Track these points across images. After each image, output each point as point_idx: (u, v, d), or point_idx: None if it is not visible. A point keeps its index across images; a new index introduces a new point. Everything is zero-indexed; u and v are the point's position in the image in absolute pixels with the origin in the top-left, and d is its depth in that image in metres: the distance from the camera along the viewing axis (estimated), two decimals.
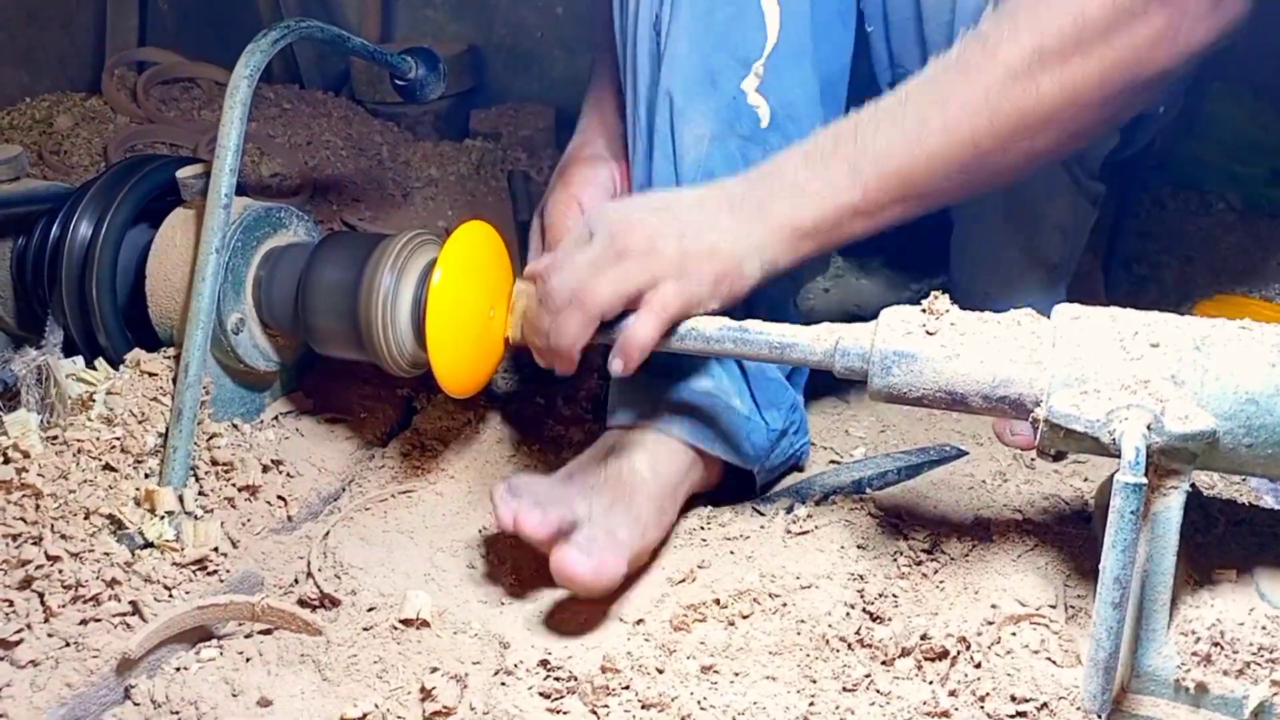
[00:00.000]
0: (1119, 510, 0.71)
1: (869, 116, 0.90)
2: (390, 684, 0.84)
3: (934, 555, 0.96)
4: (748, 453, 1.03)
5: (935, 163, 0.88)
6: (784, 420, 1.06)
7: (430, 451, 1.13)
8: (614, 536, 0.91)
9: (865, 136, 0.89)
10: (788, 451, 1.09)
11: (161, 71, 1.90)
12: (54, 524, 0.89)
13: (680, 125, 1.00)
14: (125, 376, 1.01)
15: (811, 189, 0.90)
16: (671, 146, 1.01)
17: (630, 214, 0.92)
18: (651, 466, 0.98)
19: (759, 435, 1.04)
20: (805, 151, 0.92)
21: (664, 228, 0.89)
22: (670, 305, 0.89)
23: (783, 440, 1.06)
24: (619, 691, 0.82)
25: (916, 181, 0.89)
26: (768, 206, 0.90)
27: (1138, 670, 0.79)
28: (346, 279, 1.01)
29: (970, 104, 0.87)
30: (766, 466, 1.07)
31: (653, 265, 0.88)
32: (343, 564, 0.96)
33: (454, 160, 1.87)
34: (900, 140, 0.88)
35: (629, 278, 0.88)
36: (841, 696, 0.82)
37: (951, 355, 0.82)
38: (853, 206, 0.90)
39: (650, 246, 0.88)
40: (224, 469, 1.00)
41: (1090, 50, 0.86)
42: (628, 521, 0.93)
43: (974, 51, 0.88)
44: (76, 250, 1.05)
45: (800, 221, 0.90)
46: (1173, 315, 0.80)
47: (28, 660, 0.81)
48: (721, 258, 0.89)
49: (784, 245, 0.91)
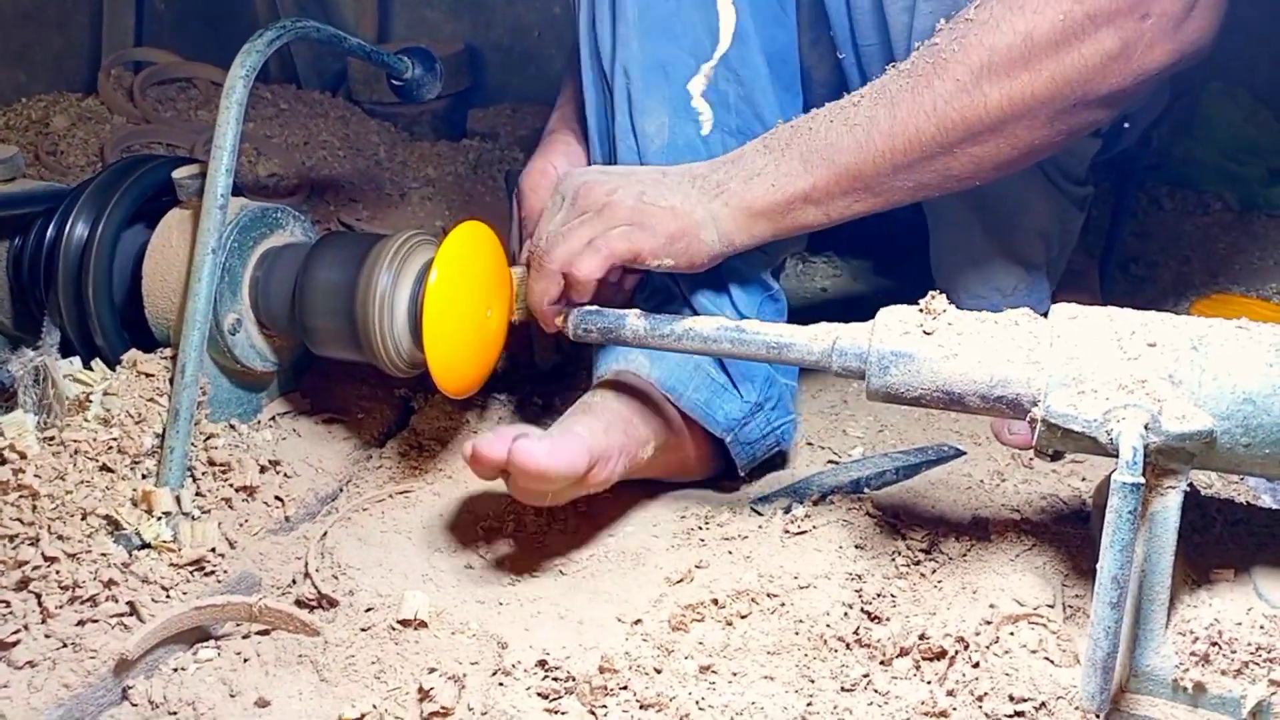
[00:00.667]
0: (1116, 510, 0.71)
1: (825, 114, 0.96)
2: (388, 684, 0.84)
3: (932, 555, 0.96)
4: (719, 419, 1.04)
5: (882, 160, 0.94)
6: (759, 394, 1.06)
7: (428, 452, 1.13)
8: (569, 431, 0.93)
9: (819, 131, 0.96)
10: (765, 427, 1.08)
11: (158, 71, 1.90)
12: (51, 525, 0.88)
13: (640, 118, 1.03)
14: (122, 377, 1.01)
15: (766, 174, 0.96)
16: (634, 139, 1.04)
17: (592, 175, 0.99)
18: (614, 394, 1.01)
19: (733, 404, 1.04)
20: (765, 141, 0.99)
21: (625, 186, 0.95)
22: (616, 246, 0.94)
23: (759, 414, 1.06)
24: (617, 692, 0.82)
25: (864, 177, 0.95)
26: (725, 185, 0.97)
27: (1136, 670, 0.79)
28: (343, 279, 1.01)
29: (917, 108, 0.92)
30: (741, 438, 1.06)
31: (608, 216, 0.94)
32: (340, 564, 0.96)
33: (451, 160, 1.87)
34: (849, 136, 0.94)
35: (582, 229, 0.94)
36: (839, 696, 0.82)
37: (949, 355, 0.82)
38: (803, 194, 0.96)
39: (607, 201, 0.94)
40: (221, 469, 1.00)
41: (1038, 67, 0.90)
42: (585, 420, 0.95)
43: (925, 61, 0.93)
44: (73, 251, 1.05)
45: (754, 203, 0.96)
46: (1170, 315, 0.80)
47: (25, 661, 0.81)
48: (679, 217, 0.94)
49: (738, 222, 0.97)
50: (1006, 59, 0.90)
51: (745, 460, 1.08)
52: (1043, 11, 0.89)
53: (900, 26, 1.04)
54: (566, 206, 0.97)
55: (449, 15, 2.09)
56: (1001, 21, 0.90)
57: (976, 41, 0.90)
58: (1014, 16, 0.90)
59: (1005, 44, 0.90)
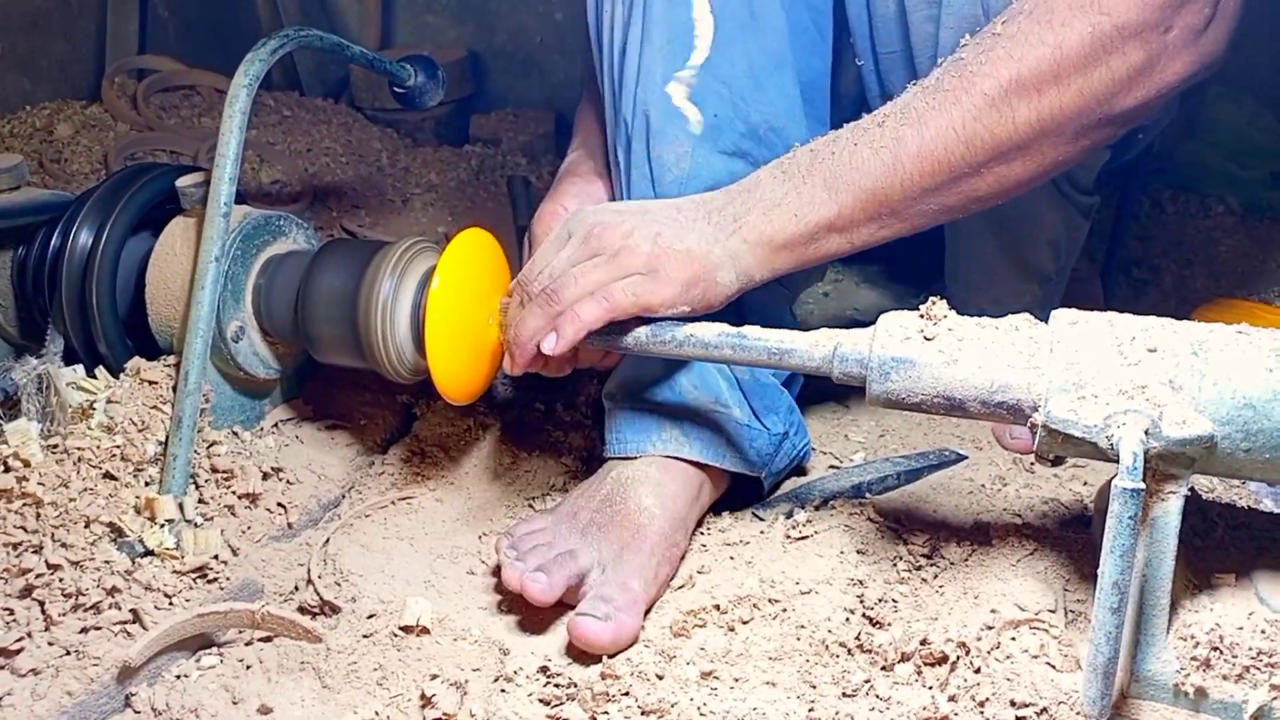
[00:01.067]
0: (1117, 515, 0.71)
1: (847, 136, 0.91)
2: (390, 691, 0.84)
3: (933, 560, 0.96)
4: (754, 460, 1.04)
5: (910, 184, 0.89)
6: (784, 423, 1.06)
7: (430, 458, 1.13)
8: (628, 590, 0.91)
9: (842, 155, 0.90)
10: (790, 454, 1.09)
11: (161, 79, 1.91)
12: (54, 532, 0.89)
13: (656, 145, 1.00)
14: (125, 385, 1.01)
15: (787, 204, 0.91)
16: (649, 167, 1.01)
17: (606, 215, 0.93)
18: (660, 500, 0.98)
19: (762, 441, 1.04)
20: (784, 167, 0.93)
21: (640, 229, 0.90)
22: (623, 298, 0.89)
23: (785, 443, 1.07)
24: (619, 698, 0.82)
25: (891, 201, 0.90)
26: (743, 219, 0.91)
27: (1137, 675, 0.79)
28: (346, 286, 1.01)
29: (946, 129, 0.88)
30: (772, 470, 1.07)
31: (622, 262, 0.89)
32: (343, 571, 0.96)
33: (454, 166, 1.87)
34: (875, 160, 0.89)
35: (595, 273, 0.90)
36: (841, 702, 0.82)
37: (950, 361, 0.82)
38: (828, 223, 0.91)
39: (623, 245, 0.90)
40: (224, 476, 1.01)
41: (1067, 82, 0.87)
42: (639, 567, 0.93)
43: (952, 77, 0.89)
44: (77, 259, 1.05)
45: (775, 235, 0.91)
46: (1170, 320, 0.80)
47: (28, 669, 0.81)
48: (695, 261, 0.90)
49: (759, 258, 0.92)
50: (1036, 74, 0.87)
51: (769, 484, 1.08)
52: (1071, 25, 0.86)
53: (923, 36, 1.01)
54: (576, 245, 0.92)
55: (451, 21, 2.09)
56: (1030, 35, 0.87)
57: (1005, 55, 0.87)
58: (1043, 30, 0.87)
59: (1035, 58, 0.87)
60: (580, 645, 0.89)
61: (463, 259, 0.98)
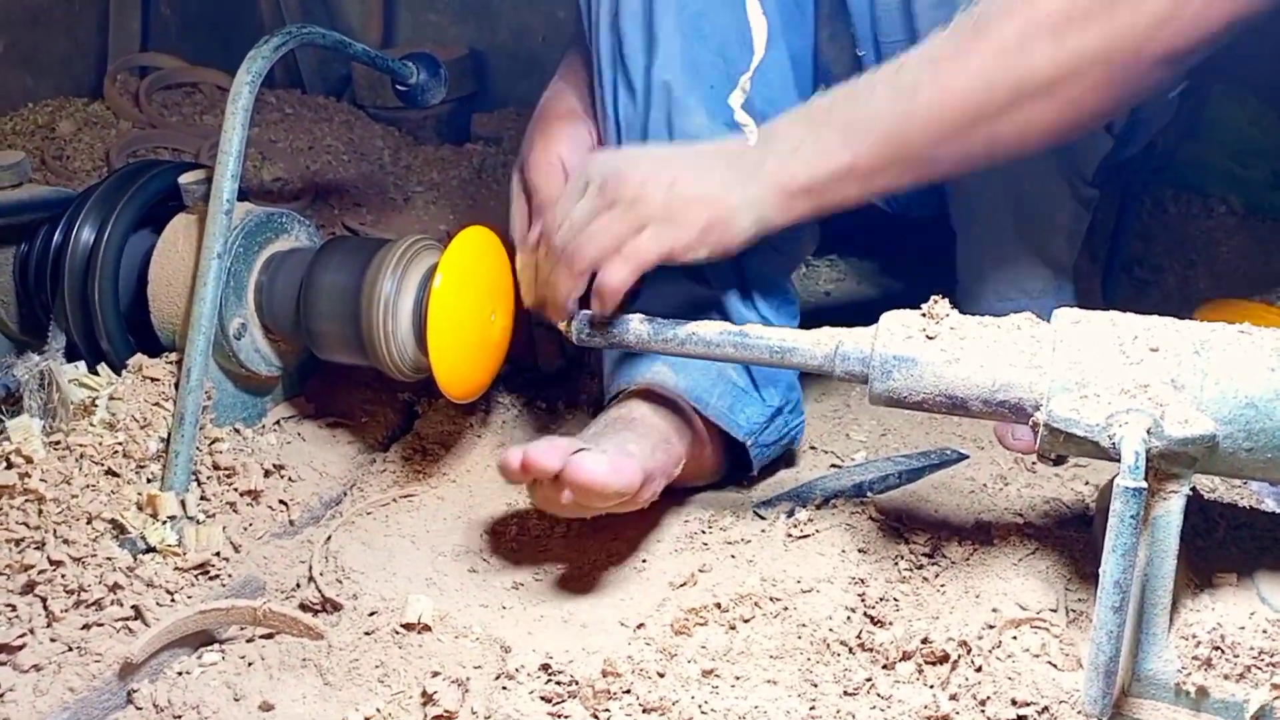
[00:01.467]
0: (1119, 514, 0.71)
1: (865, 82, 0.91)
2: (392, 688, 0.84)
3: (935, 559, 0.96)
4: (741, 424, 1.04)
5: (929, 129, 0.89)
6: (781, 398, 1.06)
7: (431, 456, 1.13)
8: (624, 449, 0.92)
9: (860, 101, 0.90)
10: (782, 430, 1.09)
11: (164, 76, 1.91)
12: (56, 529, 0.89)
13: (678, 117, 1.00)
14: (127, 381, 1.01)
15: (806, 150, 0.91)
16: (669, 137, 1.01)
17: (623, 163, 0.92)
18: (650, 408, 1.00)
19: (755, 408, 1.04)
20: (802, 113, 0.93)
21: (656, 175, 0.90)
22: (646, 251, 0.90)
23: (778, 417, 1.07)
24: (620, 695, 0.82)
25: (911, 146, 0.89)
26: (763, 164, 0.91)
27: (1138, 674, 0.79)
28: (348, 284, 1.01)
29: (963, 71, 0.87)
30: (760, 442, 1.07)
31: (640, 210, 0.90)
32: (344, 568, 0.96)
33: (455, 164, 1.87)
34: (893, 105, 0.89)
35: (614, 226, 0.90)
36: (842, 700, 0.82)
37: (951, 359, 0.82)
38: (846, 168, 0.90)
39: (638, 194, 0.90)
40: (226, 473, 1.01)
41: (1088, 25, 0.85)
42: (634, 439, 0.95)
43: (967, 27, 0.88)
44: (79, 256, 1.05)
45: (794, 180, 0.91)
46: (1172, 319, 0.80)
47: (30, 665, 0.81)
48: (713, 205, 0.90)
49: (778, 202, 0.92)
50: (1054, 17, 0.85)
51: (760, 461, 1.08)
52: None
53: (929, 23, 0.99)
54: (593, 194, 0.92)
55: (453, 20, 2.09)
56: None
57: (1021, 4, 0.86)
58: None
59: (1049, 4, 0.85)
60: (578, 487, 0.87)
61: (465, 257, 0.98)
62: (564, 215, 0.93)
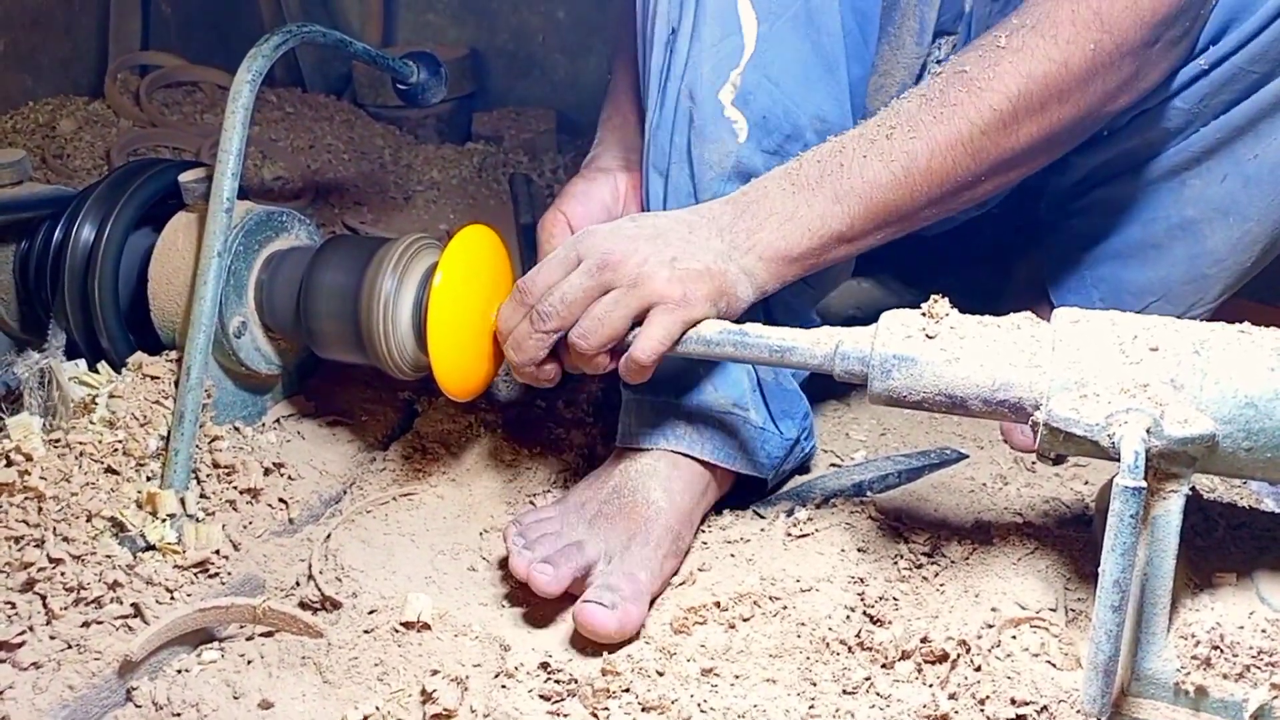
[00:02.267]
0: (1118, 514, 0.71)
1: (854, 147, 0.93)
2: (391, 686, 0.84)
3: (934, 558, 0.96)
4: (763, 463, 1.04)
5: (919, 195, 0.93)
6: (798, 429, 1.07)
7: (431, 454, 1.13)
8: (634, 581, 0.91)
9: (852, 168, 0.92)
10: (799, 457, 1.10)
11: (164, 75, 1.91)
12: (56, 527, 0.89)
13: (699, 145, 0.99)
14: (127, 380, 1.01)
15: (799, 217, 0.92)
16: (689, 166, 0.99)
17: (617, 242, 0.91)
18: (668, 495, 0.98)
19: (774, 445, 1.04)
20: (792, 179, 0.93)
21: (654, 255, 0.90)
22: (673, 329, 0.90)
23: (795, 448, 1.07)
24: (619, 694, 0.82)
25: (901, 211, 0.93)
26: (756, 235, 0.92)
27: (1137, 673, 0.79)
28: (348, 282, 1.01)
29: (955, 143, 0.91)
30: (779, 472, 1.07)
31: (644, 291, 0.89)
32: (344, 567, 0.96)
33: (456, 163, 1.87)
34: (886, 174, 0.91)
35: (621, 310, 0.90)
36: (841, 699, 0.82)
37: (951, 359, 0.82)
38: (839, 235, 0.93)
39: (639, 273, 0.89)
40: (225, 472, 1.01)
41: (1068, 98, 0.90)
42: (645, 559, 0.93)
43: (958, 90, 0.91)
44: (79, 254, 1.05)
45: (789, 250, 0.92)
46: (1172, 319, 0.80)
47: (30, 662, 0.81)
48: (714, 277, 0.90)
49: (772, 271, 0.93)
50: (1043, 90, 0.89)
51: (772, 484, 1.09)
52: (1076, 42, 0.88)
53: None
54: (588, 272, 0.90)
55: (453, 20, 2.09)
56: (1036, 51, 0.89)
57: (1012, 70, 0.89)
58: (1049, 46, 0.89)
59: (1041, 74, 0.89)
60: (586, 633, 0.89)
61: (465, 256, 0.98)
62: (548, 280, 0.92)
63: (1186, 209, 1.10)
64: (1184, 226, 1.11)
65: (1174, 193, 1.11)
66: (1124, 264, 1.17)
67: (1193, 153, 1.07)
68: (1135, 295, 1.16)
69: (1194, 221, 1.10)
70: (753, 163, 0.98)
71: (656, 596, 0.95)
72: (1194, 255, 1.11)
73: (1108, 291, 1.18)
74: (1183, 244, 1.12)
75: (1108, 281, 1.19)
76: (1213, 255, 1.11)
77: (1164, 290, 1.14)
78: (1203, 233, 1.10)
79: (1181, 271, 1.13)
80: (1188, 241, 1.11)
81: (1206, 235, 1.10)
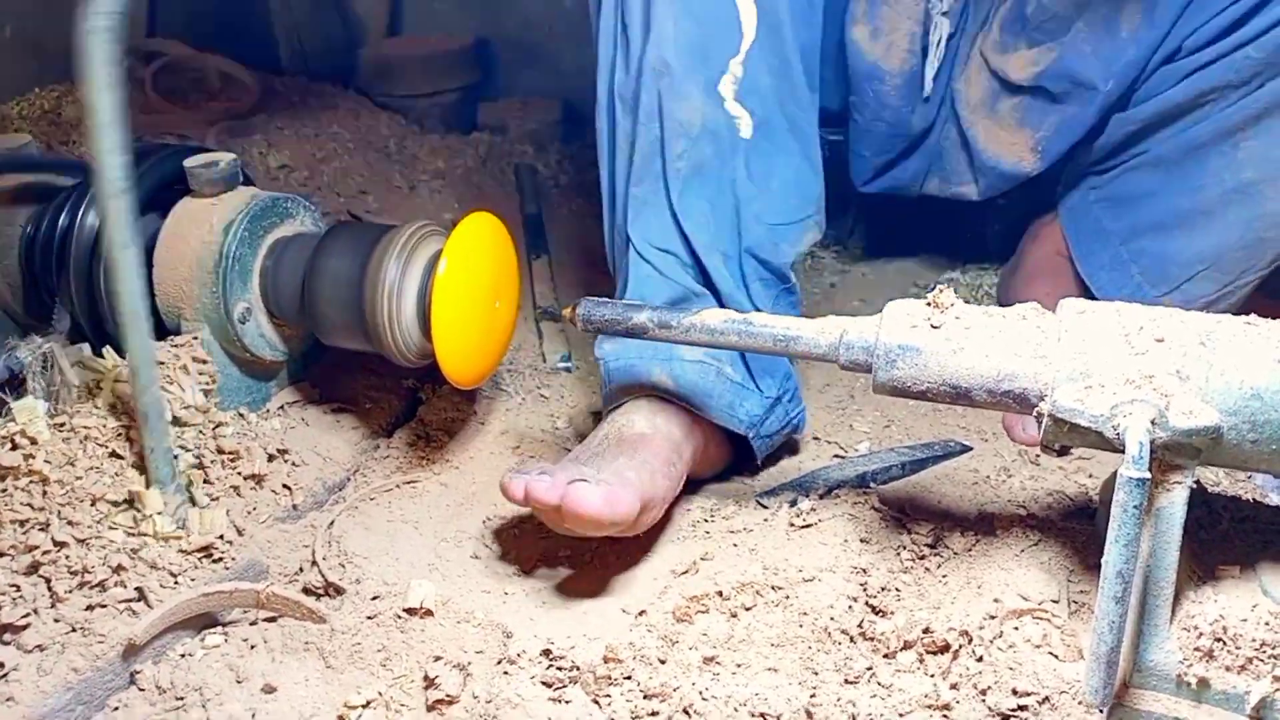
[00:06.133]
0: (1122, 504, 0.71)
1: None
2: (394, 672, 0.84)
3: (937, 549, 0.96)
4: (742, 418, 1.04)
5: None
6: (779, 387, 1.07)
7: (435, 442, 1.13)
8: (622, 476, 0.92)
9: None
10: (783, 419, 1.09)
11: (171, 62, 1.91)
12: (61, 510, 0.89)
13: (670, 102, 0.99)
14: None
15: None
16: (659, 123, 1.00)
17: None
18: (652, 424, 1.00)
19: (753, 401, 1.05)
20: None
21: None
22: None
23: (777, 407, 1.07)
24: (621, 681, 0.82)
25: None
26: None
27: (1140, 665, 0.79)
28: (353, 270, 1.01)
29: None
30: (762, 433, 1.07)
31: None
32: (347, 553, 0.96)
33: (461, 153, 1.87)
34: None
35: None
36: (843, 689, 0.82)
37: (956, 349, 0.82)
38: None
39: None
40: (230, 458, 1.01)
41: None
42: (634, 465, 0.95)
43: None
44: (85, 239, 1.05)
45: None
46: (1178, 310, 0.80)
47: (34, 645, 0.81)
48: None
49: None
50: None
51: (763, 451, 1.09)
52: None
53: None
54: None
55: (459, 8, 2.09)
56: None
57: None
58: None
59: None
60: (571, 513, 0.88)
61: (469, 244, 0.98)
62: None
63: (1244, 171, 1.05)
64: (1241, 190, 1.06)
65: (1226, 156, 1.06)
66: (1168, 235, 1.13)
67: (1254, 111, 1.02)
68: (1182, 266, 1.11)
69: (1253, 184, 1.05)
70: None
71: (648, 504, 0.93)
72: (1250, 219, 1.07)
73: (1149, 264, 1.14)
74: (1239, 208, 1.07)
75: (1149, 254, 1.15)
76: (1273, 217, 1.06)
77: (1215, 258, 1.09)
78: (1264, 194, 1.05)
79: (1236, 237, 1.08)
80: (1245, 205, 1.07)
81: (1268, 196, 1.05)
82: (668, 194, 1.01)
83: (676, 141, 1.00)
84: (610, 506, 0.88)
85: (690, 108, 1.00)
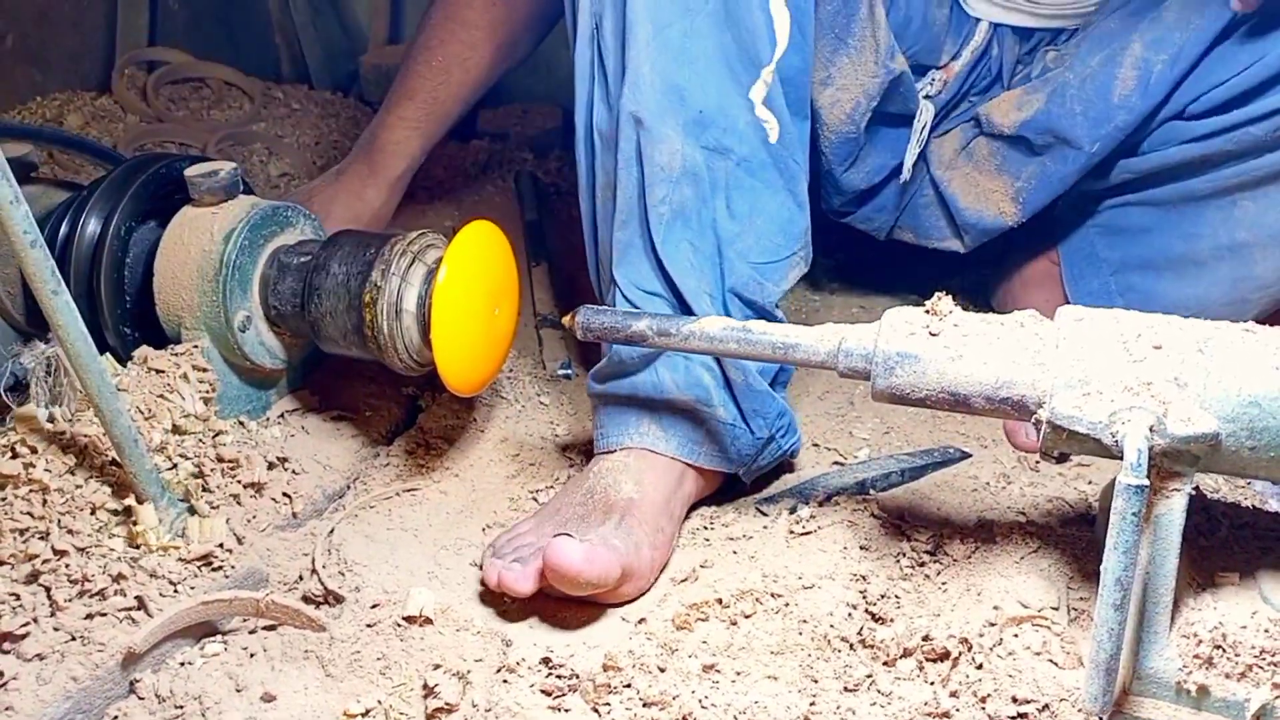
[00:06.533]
0: (1121, 512, 0.71)
1: None
2: (393, 680, 0.84)
3: (937, 557, 0.96)
4: (733, 458, 1.04)
5: None
6: (770, 428, 1.06)
7: (435, 450, 1.13)
8: (608, 542, 0.92)
9: None
10: (774, 454, 1.08)
11: (171, 71, 1.91)
12: (61, 519, 0.89)
13: (649, 147, 0.98)
14: (133, 373, 1.02)
15: None
16: (639, 169, 0.99)
17: None
18: (639, 486, 0.99)
19: (745, 441, 1.04)
20: None
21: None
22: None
23: (769, 445, 1.06)
24: (620, 690, 0.82)
25: None
26: None
27: (1139, 672, 0.79)
28: (353, 278, 1.01)
29: None
30: (753, 469, 1.07)
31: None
32: (347, 561, 0.97)
33: (461, 160, 1.87)
34: None
35: None
36: (843, 696, 0.82)
37: (954, 356, 0.82)
38: None
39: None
40: (229, 466, 1.01)
41: None
42: (619, 534, 0.94)
43: None
44: (85, 247, 1.06)
45: None
46: (1176, 317, 0.80)
47: (34, 654, 0.81)
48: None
49: None
50: None
51: (753, 479, 1.09)
52: None
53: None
54: None
55: None
56: None
57: None
58: None
59: None
60: (554, 577, 0.88)
61: (469, 252, 0.98)
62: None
63: (1238, 231, 1.07)
64: (1233, 249, 1.08)
65: (1223, 211, 1.07)
66: (1158, 275, 1.14)
67: (1253, 176, 1.04)
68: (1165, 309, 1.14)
69: (1245, 245, 1.07)
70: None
71: (639, 584, 0.94)
72: (1239, 278, 1.09)
73: (1134, 301, 1.15)
74: (1229, 265, 1.09)
75: (1136, 291, 1.16)
76: (1259, 281, 1.08)
77: (1198, 309, 1.11)
78: (1253, 257, 1.07)
79: (1222, 292, 1.10)
80: (1235, 264, 1.08)
81: (1257, 260, 1.07)
82: (650, 240, 1.01)
83: (657, 187, 0.99)
84: (589, 564, 0.88)
85: (669, 150, 0.99)
